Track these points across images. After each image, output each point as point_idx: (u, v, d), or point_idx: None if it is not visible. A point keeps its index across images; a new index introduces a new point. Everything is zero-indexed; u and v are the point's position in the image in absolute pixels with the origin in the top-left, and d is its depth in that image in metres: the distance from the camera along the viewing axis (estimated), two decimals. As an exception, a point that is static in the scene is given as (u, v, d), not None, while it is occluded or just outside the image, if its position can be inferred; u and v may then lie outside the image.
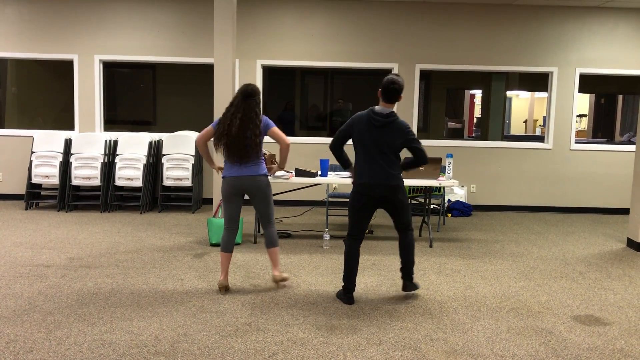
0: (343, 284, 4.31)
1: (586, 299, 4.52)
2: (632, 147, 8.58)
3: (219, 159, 6.19)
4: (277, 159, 4.69)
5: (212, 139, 4.38)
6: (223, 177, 4.40)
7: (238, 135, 4.23)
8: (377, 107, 4.21)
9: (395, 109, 4.36)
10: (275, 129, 4.42)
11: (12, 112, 8.66)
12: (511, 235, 6.92)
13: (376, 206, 4.26)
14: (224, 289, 4.41)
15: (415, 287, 4.40)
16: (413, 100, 8.47)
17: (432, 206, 7.65)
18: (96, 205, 8.09)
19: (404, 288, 4.40)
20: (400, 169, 4.27)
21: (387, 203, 4.25)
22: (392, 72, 4.32)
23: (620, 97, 10.58)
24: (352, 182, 4.32)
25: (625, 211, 8.64)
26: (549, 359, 3.34)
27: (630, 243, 6.41)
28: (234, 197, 4.38)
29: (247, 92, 4.32)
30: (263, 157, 4.44)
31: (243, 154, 4.28)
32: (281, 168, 4.60)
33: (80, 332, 3.56)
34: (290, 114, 8.92)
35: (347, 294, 4.28)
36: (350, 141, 4.32)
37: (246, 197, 4.57)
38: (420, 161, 4.26)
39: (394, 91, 4.19)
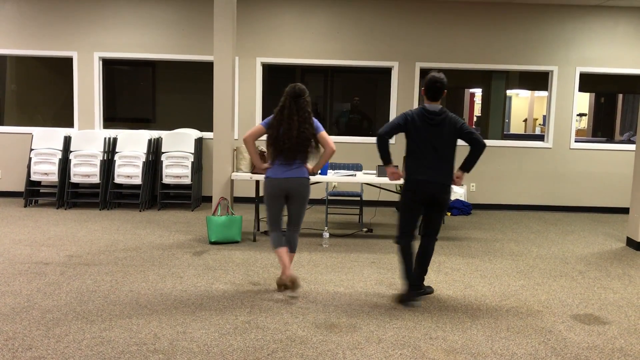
0: (405, 284, 4.26)
1: (586, 298, 4.51)
2: (632, 147, 8.57)
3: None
4: (316, 162, 4.56)
5: (266, 141, 4.30)
6: (267, 178, 4.32)
7: (298, 137, 4.18)
8: (427, 106, 4.20)
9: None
10: (324, 133, 4.33)
11: (11, 109, 8.64)
12: (511, 234, 6.92)
13: (424, 204, 4.25)
14: (293, 282, 4.27)
15: (427, 292, 4.36)
16: (413, 99, 8.46)
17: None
18: (95, 203, 8.08)
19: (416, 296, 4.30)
20: (452, 169, 4.26)
21: (433, 202, 4.23)
22: (434, 71, 4.27)
23: (620, 96, 10.57)
24: (404, 179, 4.29)
25: (625, 210, 8.63)
26: (549, 358, 3.34)
27: (630, 242, 6.41)
28: (278, 198, 4.32)
29: (296, 92, 4.24)
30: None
31: (298, 155, 4.23)
32: (314, 173, 4.48)
33: (79, 330, 3.56)
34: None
35: (412, 290, 4.22)
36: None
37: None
38: (479, 148, 4.24)
39: (438, 89, 4.19)
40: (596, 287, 4.82)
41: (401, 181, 4.44)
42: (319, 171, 6.08)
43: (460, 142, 4.29)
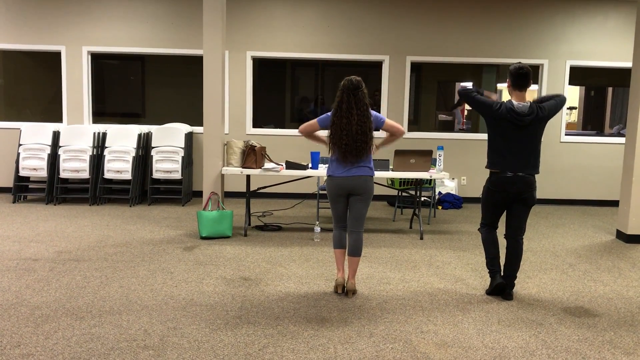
0: (489, 270, 4.34)
1: (576, 290, 4.53)
2: (622, 140, 8.62)
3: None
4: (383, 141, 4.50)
5: (329, 138, 4.19)
6: (329, 176, 4.20)
7: (358, 132, 4.04)
8: (515, 104, 4.05)
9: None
10: (388, 121, 4.28)
11: (-2, 104, 8.55)
12: (501, 227, 6.91)
13: (507, 202, 4.21)
14: (342, 287, 4.26)
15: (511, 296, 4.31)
16: (404, 93, 8.45)
17: (422, 198, 7.66)
18: (85, 198, 8.03)
19: (507, 296, 4.26)
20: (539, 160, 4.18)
21: (518, 200, 4.17)
22: (515, 63, 4.16)
23: (610, 89, 10.62)
24: (491, 171, 4.24)
25: (614, 203, 8.69)
26: (539, 351, 3.35)
27: (620, 235, 6.45)
28: (341, 197, 4.20)
29: (354, 84, 4.09)
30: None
31: (361, 152, 4.09)
32: (377, 148, 4.38)
33: (68, 326, 3.53)
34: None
35: (494, 276, 4.27)
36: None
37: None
38: (560, 100, 4.13)
39: (525, 76, 4.06)
40: (586, 279, 4.85)
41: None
42: (310, 165, 6.07)
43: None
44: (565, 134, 8.70)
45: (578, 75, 8.63)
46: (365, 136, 4.09)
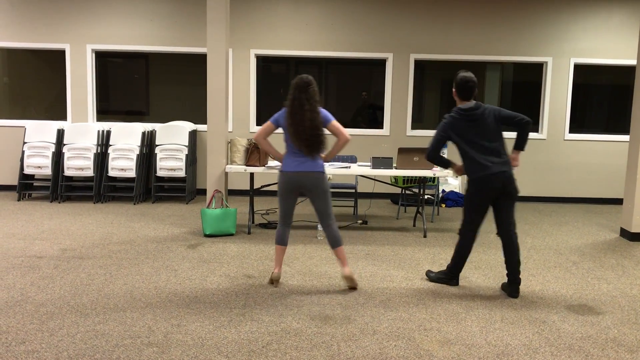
0: (454, 272, 4.47)
1: (579, 288, 4.53)
2: (626, 137, 8.59)
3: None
4: (330, 151, 4.51)
5: (285, 136, 4.23)
6: (281, 172, 4.25)
7: (312, 127, 4.11)
8: (461, 105, 4.25)
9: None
10: (335, 122, 4.25)
11: (3, 102, 8.58)
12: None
13: (492, 200, 4.26)
14: (277, 281, 4.39)
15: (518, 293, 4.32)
16: (408, 90, 8.45)
17: (426, 196, 7.65)
18: (89, 196, 8.05)
19: (513, 294, 4.26)
20: (507, 156, 4.25)
21: (503, 195, 4.21)
22: (462, 71, 4.32)
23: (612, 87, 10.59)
24: (468, 181, 4.30)
25: (618, 201, 8.67)
26: (543, 349, 3.35)
27: (624, 233, 6.43)
28: (291, 193, 4.26)
29: (304, 81, 4.19)
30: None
31: (313, 147, 4.15)
32: (327, 161, 4.42)
33: (73, 323, 3.55)
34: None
35: (457, 275, 4.44)
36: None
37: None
38: (525, 128, 4.19)
39: (471, 88, 4.25)
40: (590, 277, 4.84)
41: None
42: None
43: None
44: (570, 132, 8.68)
45: (582, 72, 8.61)
46: (318, 130, 4.15)
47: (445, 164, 4.39)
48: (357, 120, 8.74)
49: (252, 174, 6.30)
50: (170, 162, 7.85)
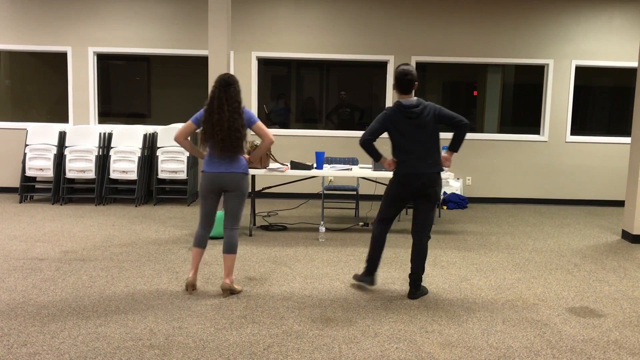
0: (368, 265, 4.42)
1: (581, 291, 4.53)
2: (628, 140, 8.59)
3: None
4: (254, 153, 4.45)
5: (201, 135, 4.16)
6: (203, 172, 4.17)
7: (230, 128, 4.02)
8: (402, 101, 4.20)
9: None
10: (260, 123, 4.17)
11: (5, 104, 8.60)
12: (506, 227, 6.93)
13: (410, 198, 4.29)
14: (192, 287, 4.22)
15: (423, 293, 4.34)
16: (409, 93, 8.44)
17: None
18: (91, 198, 8.06)
19: (410, 295, 4.27)
20: (439, 157, 4.25)
21: (421, 196, 4.24)
22: (402, 64, 4.28)
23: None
24: (393, 172, 4.31)
25: (620, 203, 8.66)
26: (544, 351, 3.35)
27: (625, 235, 6.43)
28: (212, 193, 4.16)
29: (225, 80, 4.09)
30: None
31: (235, 148, 4.06)
32: (251, 162, 4.34)
33: (74, 326, 3.55)
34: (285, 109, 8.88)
35: (370, 271, 4.42)
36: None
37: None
38: (462, 129, 4.19)
39: (409, 82, 4.19)
40: (591, 280, 4.84)
41: None
42: (315, 165, 6.08)
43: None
44: (571, 134, 8.67)
45: (583, 75, 8.61)
46: (237, 132, 4.04)
47: (376, 156, 4.33)
48: (331, 119, 8.73)
49: (253, 176, 6.30)
50: (172, 165, 7.85)
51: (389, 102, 8.47)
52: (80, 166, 7.75)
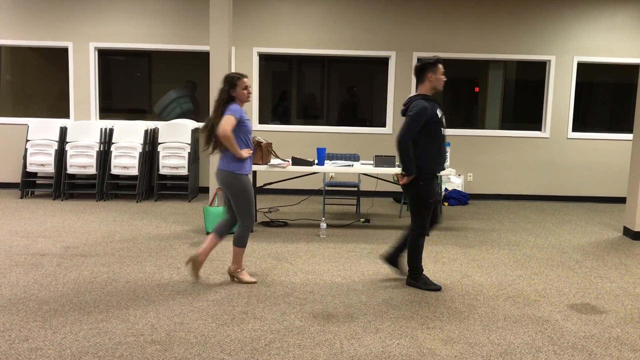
0: (420, 270, 4.42)
1: (582, 287, 4.52)
2: (629, 136, 8.58)
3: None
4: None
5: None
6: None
7: (215, 126, 4.12)
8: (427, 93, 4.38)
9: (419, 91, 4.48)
10: (225, 116, 4.05)
11: (6, 100, 8.59)
12: (508, 224, 6.92)
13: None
14: (192, 261, 4.37)
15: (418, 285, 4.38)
16: (410, 89, 8.43)
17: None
18: (92, 194, 8.06)
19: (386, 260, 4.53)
20: (416, 158, 4.19)
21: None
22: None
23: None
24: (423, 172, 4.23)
25: (621, 200, 8.65)
26: (546, 347, 3.35)
27: (627, 232, 6.42)
28: (221, 188, 4.34)
29: (222, 80, 4.24)
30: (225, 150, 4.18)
31: (220, 146, 4.20)
32: (238, 157, 4.19)
33: (76, 321, 3.55)
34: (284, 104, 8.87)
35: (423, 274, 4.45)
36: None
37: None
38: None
39: (415, 70, 4.40)
40: (593, 276, 4.83)
41: None
42: (316, 161, 6.07)
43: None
44: (573, 130, 8.66)
45: (585, 71, 8.59)
46: (215, 130, 4.14)
47: (409, 164, 4.15)
48: (342, 116, 8.75)
49: (254, 172, 6.29)
50: (173, 160, 7.85)
51: (391, 98, 8.46)
52: (81, 162, 7.74)
